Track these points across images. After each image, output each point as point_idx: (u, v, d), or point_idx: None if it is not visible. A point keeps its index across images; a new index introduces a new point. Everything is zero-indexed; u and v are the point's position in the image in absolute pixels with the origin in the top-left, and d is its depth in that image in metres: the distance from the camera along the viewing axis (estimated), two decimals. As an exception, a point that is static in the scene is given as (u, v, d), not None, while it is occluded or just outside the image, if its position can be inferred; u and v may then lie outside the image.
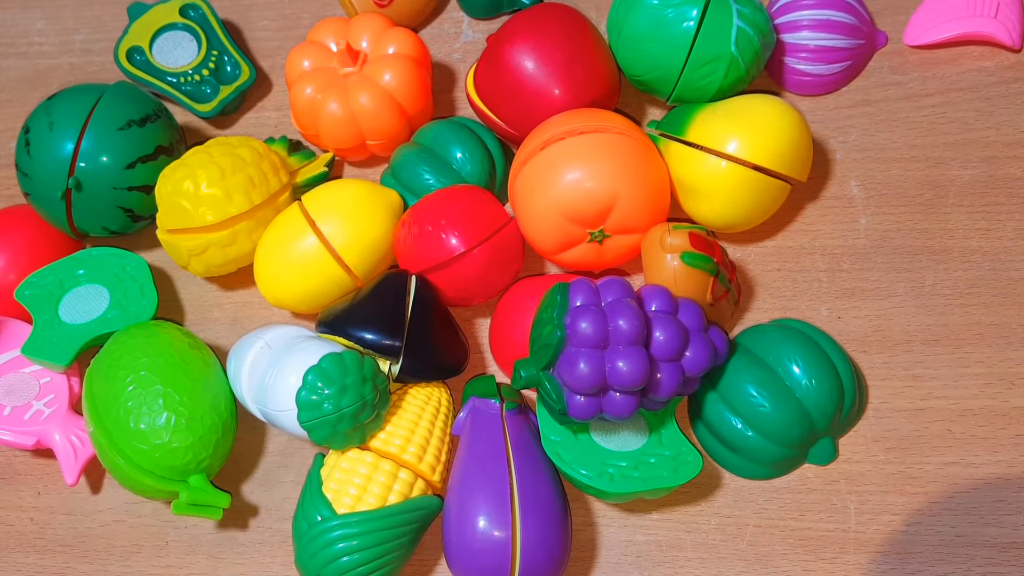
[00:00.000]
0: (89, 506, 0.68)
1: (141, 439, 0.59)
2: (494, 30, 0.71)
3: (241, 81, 0.78)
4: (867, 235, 0.70)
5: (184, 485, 0.61)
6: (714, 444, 0.63)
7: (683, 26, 0.65)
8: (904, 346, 0.66)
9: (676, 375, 0.56)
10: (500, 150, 0.71)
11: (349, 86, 0.70)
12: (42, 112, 0.69)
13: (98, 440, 0.61)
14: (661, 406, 0.58)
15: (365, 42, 0.72)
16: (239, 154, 0.67)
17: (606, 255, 0.65)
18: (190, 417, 0.60)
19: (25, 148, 0.69)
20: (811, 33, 0.71)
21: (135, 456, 0.60)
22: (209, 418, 0.61)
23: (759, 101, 0.65)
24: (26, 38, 0.87)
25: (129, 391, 0.60)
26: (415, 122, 0.73)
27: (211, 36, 0.79)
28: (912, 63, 0.75)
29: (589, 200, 0.61)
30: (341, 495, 0.59)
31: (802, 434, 0.60)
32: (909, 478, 0.63)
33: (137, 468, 0.60)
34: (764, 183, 0.64)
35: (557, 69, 0.67)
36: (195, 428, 0.60)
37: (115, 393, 0.60)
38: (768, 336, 0.62)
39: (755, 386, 0.60)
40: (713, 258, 0.61)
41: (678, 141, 0.65)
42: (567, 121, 0.64)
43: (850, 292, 0.68)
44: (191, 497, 0.60)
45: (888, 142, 0.73)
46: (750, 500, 0.63)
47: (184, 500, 0.60)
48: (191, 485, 0.61)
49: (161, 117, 0.72)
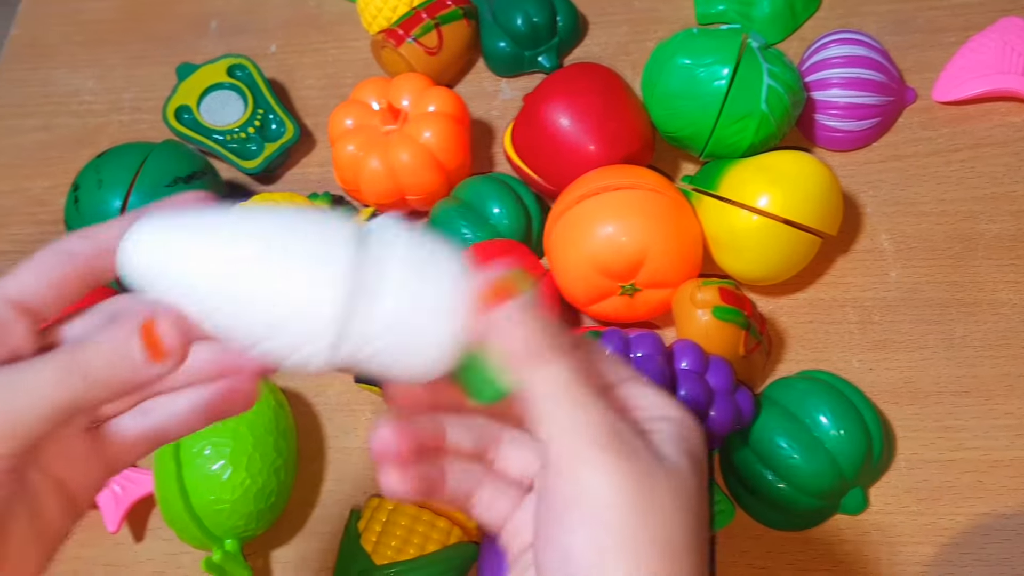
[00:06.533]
0: (129, 557, 0.68)
1: (207, 483, 0.60)
2: (531, 89, 0.74)
3: (285, 139, 0.80)
4: (898, 288, 0.71)
5: (218, 545, 0.61)
6: (746, 496, 0.63)
7: (715, 84, 0.67)
8: (935, 397, 0.66)
9: (696, 434, 0.57)
10: (536, 205, 0.73)
11: (390, 143, 0.72)
12: (91, 169, 0.72)
13: (164, 463, 0.61)
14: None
15: (406, 101, 0.74)
16: (283, 210, 0.69)
17: (637, 308, 0.66)
18: (260, 489, 0.61)
19: (74, 204, 0.71)
20: (841, 91, 0.73)
21: (193, 495, 0.60)
22: (274, 496, 0.62)
23: (790, 157, 0.67)
24: (77, 97, 0.90)
25: (215, 434, 0.61)
26: (454, 178, 0.74)
27: (257, 95, 0.82)
28: (941, 119, 0.76)
29: (620, 254, 0.63)
30: (380, 546, 0.60)
31: (832, 484, 0.60)
32: (941, 529, 0.63)
33: (189, 508, 0.60)
34: (795, 237, 0.65)
35: (592, 126, 0.69)
36: (258, 501, 0.61)
37: (202, 432, 0.59)
38: (795, 388, 0.63)
39: (785, 438, 0.60)
40: (744, 311, 0.62)
41: (710, 196, 0.67)
42: (602, 177, 0.66)
43: (881, 344, 0.69)
44: (220, 560, 0.60)
45: (918, 196, 0.74)
46: (783, 551, 0.64)
47: (215, 560, 0.60)
48: (225, 548, 0.61)
49: (207, 174, 0.74)
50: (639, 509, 0.31)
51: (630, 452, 0.32)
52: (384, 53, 0.82)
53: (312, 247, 0.31)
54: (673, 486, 0.32)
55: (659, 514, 0.31)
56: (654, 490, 0.31)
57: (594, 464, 0.31)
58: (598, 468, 0.31)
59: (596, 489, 0.31)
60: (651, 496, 0.31)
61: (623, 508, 0.31)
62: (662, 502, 0.31)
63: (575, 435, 0.32)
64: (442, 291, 0.32)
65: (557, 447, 0.32)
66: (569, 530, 0.31)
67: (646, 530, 0.31)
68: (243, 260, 0.31)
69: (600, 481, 0.31)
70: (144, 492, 0.66)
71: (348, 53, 0.88)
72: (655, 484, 0.31)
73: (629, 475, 0.31)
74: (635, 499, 0.31)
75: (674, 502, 0.32)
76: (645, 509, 0.31)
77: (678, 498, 0.32)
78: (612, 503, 0.31)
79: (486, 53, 0.83)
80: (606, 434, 0.32)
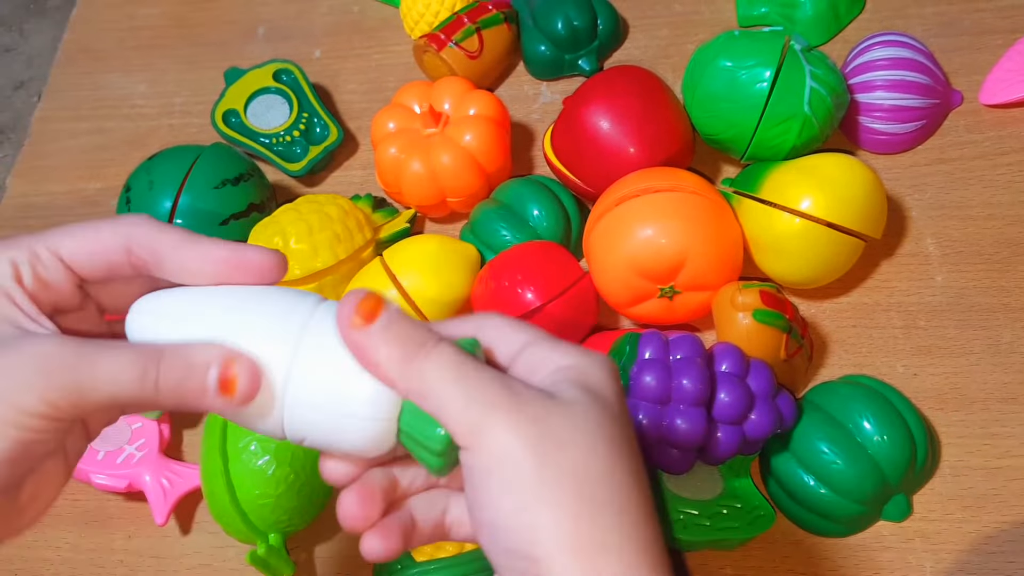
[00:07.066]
0: (176, 550, 0.70)
1: (252, 478, 0.61)
2: (571, 92, 0.74)
3: (329, 142, 0.81)
4: (943, 292, 0.70)
5: (263, 539, 0.62)
6: (787, 501, 0.63)
7: (757, 87, 0.66)
8: (981, 404, 0.66)
9: (735, 437, 0.56)
10: (575, 207, 0.73)
11: (431, 146, 0.73)
12: (143, 171, 0.73)
13: (211, 458, 0.62)
14: (722, 462, 0.58)
15: (447, 104, 0.75)
16: (327, 211, 0.70)
17: (676, 311, 0.66)
18: (304, 484, 0.62)
19: (126, 205, 0.73)
20: (886, 93, 0.72)
21: (239, 490, 0.61)
22: (318, 492, 0.63)
23: (833, 159, 0.66)
24: (129, 101, 0.92)
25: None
26: (494, 180, 0.75)
27: (302, 99, 0.83)
28: (988, 122, 0.75)
29: (660, 257, 0.63)
30: None
31: (875, 489, 0.60)
32: (986, 537, 0.62)
33: (235, 502, 0.61)
34: (838, 240, 0.64)
35: (631, 129, 0.69)
36: (302, 496, 0.62)
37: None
38: (838, 393, 0.62)
39: (827, 443, 0.60)
40: (785, 315, 0.62)
41: (752, 199, 0.67)
42: (642, 180, 0.66)
43: (926, 349, 0.68)
44: (265, 553, 0.61)
45: (964, 200, 0.73)
46: (825, 557, 0.63)
47: (259, 553, 0.61)
48: (269, 543, 0.62)
49: (253, 176, 0.75)
50: (542, 451, 0.31)
51: (523, 403, 0.32)
52: (426, 57, 0.82)
53: (269, 323, 0.34)
54: (571, 421, 0.32)
55: (562, 450, 0.31)
56: (552, 430, 0.31)
57: (493, 426, 0.31)
58: (498, 428, 0.31)
59: (502, 449, 0.31)
60: (551, 436, 0.31)
61: (529, 458, 0.31)
62: (560, 437, 0.31)
63: (471, 406, 0.32)
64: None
65: (461, 426, 0.32)
66: (495, 503, 0.31)
67: (554, 468, 0.31)
68: (213, 331, 0.34)
69: (503, 440, 0.31)
70: (191, 486, 0.67)
71: (390, 58, 0.89)
72: (551, 424, 0.32)
73: (526, 423, 0.31)
74: (536, 444, 0.31)
75: (574, 435, 0.32)
76: (546, 450, 0.31)
77: (577, 430, 0.32)
78: (520, 457, 0.31)
79: (526, 57, 0.83)
80: (497, 395, 0.32)
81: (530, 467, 0.31)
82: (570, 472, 0.31)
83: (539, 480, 0.31)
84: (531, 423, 0.31)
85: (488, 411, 0.31)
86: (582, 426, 0.32)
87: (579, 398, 0.33)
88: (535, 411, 0.32)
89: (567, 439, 0.31)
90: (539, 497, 0.31)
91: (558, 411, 0.32)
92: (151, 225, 0.36)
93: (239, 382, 0.33)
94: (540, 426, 0.31)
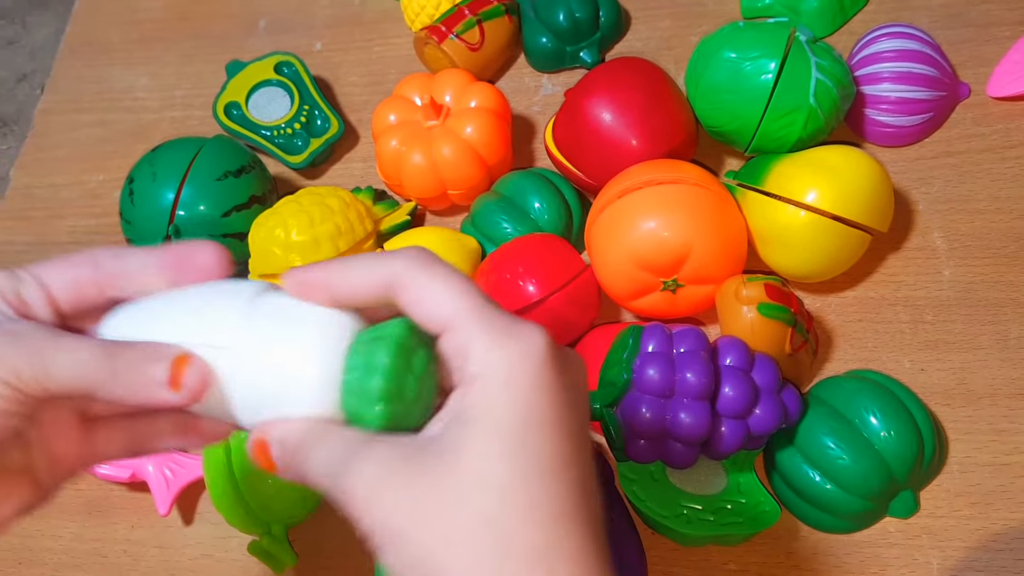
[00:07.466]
0: (179, 540, 0.70)
1: (255, 469, 0.60)
2: (572, 84, 0.73)
3: (330, 134, 0.81)
4: (951, 287, 0.69)
5: (265, 530, 0.63)
6: (791, 496, 0.62)
7: (761, 78, 0.66)
8: (988, 399, 0.65)
9: (740, 432, 0.56)
10: (577, 200, 0.73)
11: (432, 138, 0.72)
12: (145, 163, 0.73)
13: (214, 449, 0.62)
14: (725, 457, 0.58)
15: (448, 96, 0.74)
16: (328, 203, 0.70)
17: (679, 304, 0.65)
18: None
19: (129, 197, 0.73)
20: (892, 85, 0.71)
21: (242, 481, 0.61)
22: None
23: (838, 151, 0.65)
24: (131, 93, 0.92)
25: None
26: (495, 172, 0.75)
27: (303, 92, 0.83)
28: (996, 115, 0.74)
29: (663, 249, 0.62)
30: None
31: (882, 485, 0.59)
32: (993, 533, 0.61)
33: (237, 493, 0.61)
34: (844, 233, 0.64)
35: (634, 121, 0.68)
36: (304, 487, 0.62)
37: None
38: (844, 388, 0.62)
39: (832, 438, 0.59)
40: (790, 309, 0.61)
41: (756, 191, 0.66)
42: (644, 172, 0.65)
43: (933, 344, 0.67)
44: (267, 544, 0.62)
45: (971, 193, 0.72)
46: (830, 553, 0.63)
47: (261, 544, 0.62)
48: (272, 533, 0.63)
49: (255, 168, 0.75)
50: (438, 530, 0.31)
51: (409, 484, 0.32)
52: (427, 50, 0.82)
53: (212, 320, 0.36)
54: (462, 481, 0.32)
55: (463, 514, 0.31)
56: (443, 497, 0.32)
57: (383, 506, 0.32)
58: (388, 508, 0.32)
59: (396, 530, 0.32)
60: (445, 508, 0.32)
61: (427, 541, 0.31)
62: (457, 502, 0.31)
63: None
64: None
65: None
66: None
67: (455, 536, 0.31)
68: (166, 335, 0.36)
69: (395, 521, 0.32)
70: (194, 476, 0.67)
71: (391, 50, 0.89)
72: (443, 490, 0.32)
73: (412, 503, 0.32)
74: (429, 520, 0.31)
75: (471, 494, 0.31)
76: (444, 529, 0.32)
77: (474, 489, 0.31)
78: (416, 539, 0.31)
79: (528, 49, 0.83)
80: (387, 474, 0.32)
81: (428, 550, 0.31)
82: (478, 527, 0.31)
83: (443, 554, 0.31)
84: (419, 499, 0.31)
85: (377, 489, 0.32)
86: (476, 481, 0.31)
87: (473, 446, 0.32)
88: (425, 483, 0.32)
89: (466, 501, 0.31)
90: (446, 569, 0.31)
91: (449, 473, 0.32)
92: (110, 250, 0.38)
93: (186, 379, 0.34)
94: (432, 495, 0.31)
